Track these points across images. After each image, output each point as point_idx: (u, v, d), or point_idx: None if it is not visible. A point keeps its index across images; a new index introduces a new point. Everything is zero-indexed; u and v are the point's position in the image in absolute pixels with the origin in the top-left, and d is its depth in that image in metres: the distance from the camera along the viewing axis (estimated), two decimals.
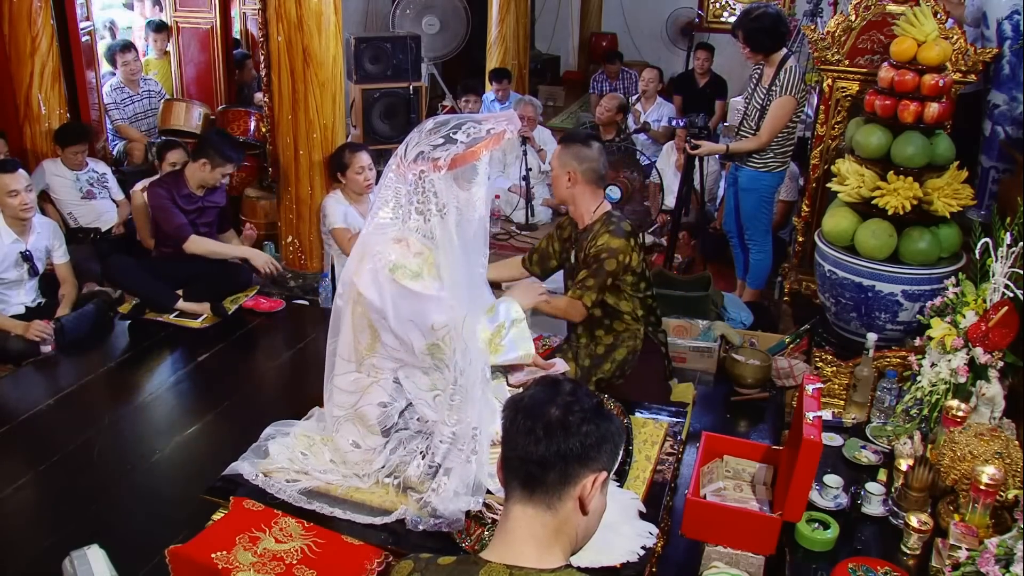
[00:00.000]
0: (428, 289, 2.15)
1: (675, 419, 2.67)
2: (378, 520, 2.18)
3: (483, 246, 2.29)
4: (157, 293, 3.92)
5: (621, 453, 2.12)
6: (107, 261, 4.11)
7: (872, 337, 2.96)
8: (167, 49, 6.57)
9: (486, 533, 2.09)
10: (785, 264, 4.49)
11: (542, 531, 1.33)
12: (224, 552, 2.07)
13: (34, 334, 3.58)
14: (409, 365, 2.28)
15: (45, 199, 4.74)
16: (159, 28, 6.65)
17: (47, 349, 3.62)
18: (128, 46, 6.08)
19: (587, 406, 1.35)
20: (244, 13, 7.50)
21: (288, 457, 2.37)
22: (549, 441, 1.31)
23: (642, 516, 2.22)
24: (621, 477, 2.35)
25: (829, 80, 3.68)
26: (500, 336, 2.28)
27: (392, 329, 2.20)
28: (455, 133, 2.14)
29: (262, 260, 4.14)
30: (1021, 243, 2.57)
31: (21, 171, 3.74)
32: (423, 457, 2.24)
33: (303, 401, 2.84)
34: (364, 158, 4.20)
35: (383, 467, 2.30)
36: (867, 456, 2.70)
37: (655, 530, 2.18)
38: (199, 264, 4.02)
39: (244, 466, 2.34)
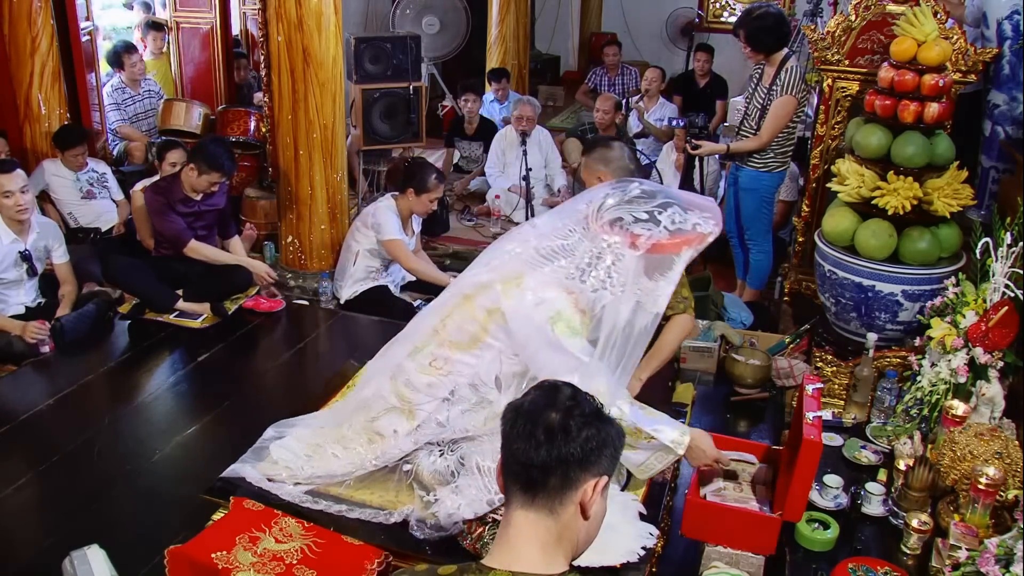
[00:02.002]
0: (576, 349, 2.06)
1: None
2: (382, 517, 2.18)
3: (645, 343, 2.13)
4: (157, 293, 3.92)
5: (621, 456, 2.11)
6: (107, 261, 4.10)
7: (872, 337, 2.96)
8: (164, 49, 6.57)
9: (487, 533, 2.09)
10: (785, 264, 4.49)
11: (546, 536, 1.33)
12: (224, 552, 2.07)
13: (30, 336, 3.58)
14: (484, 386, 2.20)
15: (45, 199, 4.74)
16: (156, 27, 6.65)
17: (46, 349, 3.62)
18: (131, 47, 6.09)
19: (588, 410, 1.35)
20: (244, 13, 7.50)
21: (290, 461, 2.36)
22: (550, 446, 1.31)
23: (642, 518, 2.22)
24: (626, 480, 2.35)
25: (829, 80, 3.68)
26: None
27: (519, 355, 2.14)
28: (660, 214, 2.00)
29: (261, 270, 4.13)
30: (1021, 243, 2.58)
31: (18, 171, 3.70)
32: (440, 455, 2.23)
33: (303, 401, 2.84)
34: (442, 190, 4.37)
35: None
36: (867, 456, 2.70)
37: (655, 531, 2.18)
38: (199, 264, 4.03)
39: (246, 469, 2.34)
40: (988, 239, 2.63)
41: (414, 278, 4.43)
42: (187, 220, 4.02)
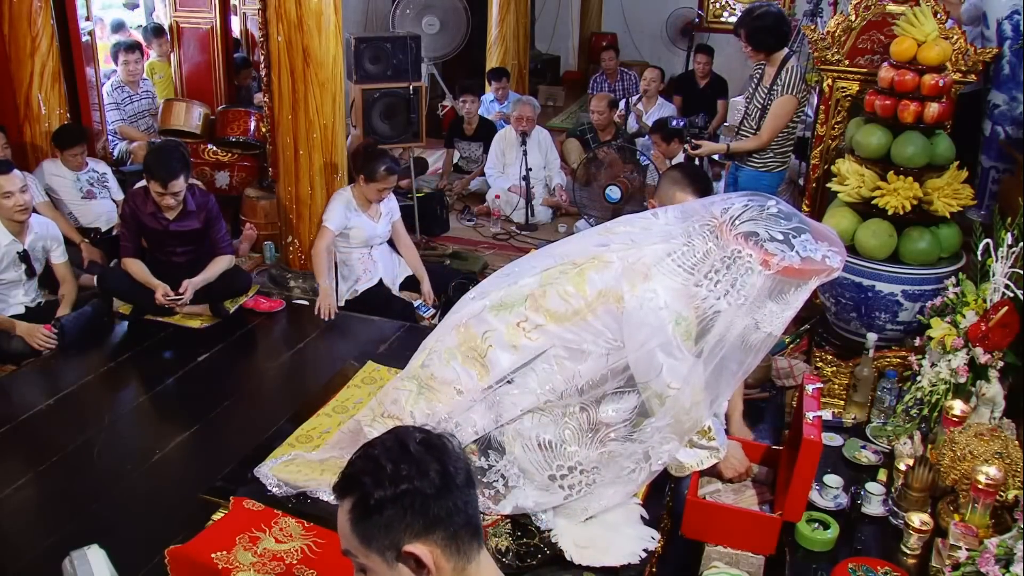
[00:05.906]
0: (688, 351, 2.07)
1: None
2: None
3: (760, 357, 2.12)
4: (148, 297, 3.86)
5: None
6: (102, 274, 4.06)
7: (872, 337, 2.96)
8: (170, 52, 6.55)
9: (502, 522, 2.10)
10: None
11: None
12: (224, 552, 2.08)
13: (37, 344, 3.56)
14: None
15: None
16: (157, 33, 6.64)
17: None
18: (134, 46, 6.08)
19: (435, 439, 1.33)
20: (244, 13, 7.50)
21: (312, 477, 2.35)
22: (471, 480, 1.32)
23: (644, 522, 2.22)
24: None
25: (829, 80, 3.68)
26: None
27: (627, 346, 2.12)
28: (795, 238, 2.00)
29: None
30: (1021, 243, 2.58)
31: (16, 172, 3.69)
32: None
33: (303, 401, 2.84)
34: (393, 181, 4.21)
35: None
36: (867, 456, 2.70)
37: (657, 535, 2.18)
38: (197, 266, 4.00)
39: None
40: (988, 239, 2.63)
41: (413, 277, 4.43)
42: (158, 236, 3.88)
